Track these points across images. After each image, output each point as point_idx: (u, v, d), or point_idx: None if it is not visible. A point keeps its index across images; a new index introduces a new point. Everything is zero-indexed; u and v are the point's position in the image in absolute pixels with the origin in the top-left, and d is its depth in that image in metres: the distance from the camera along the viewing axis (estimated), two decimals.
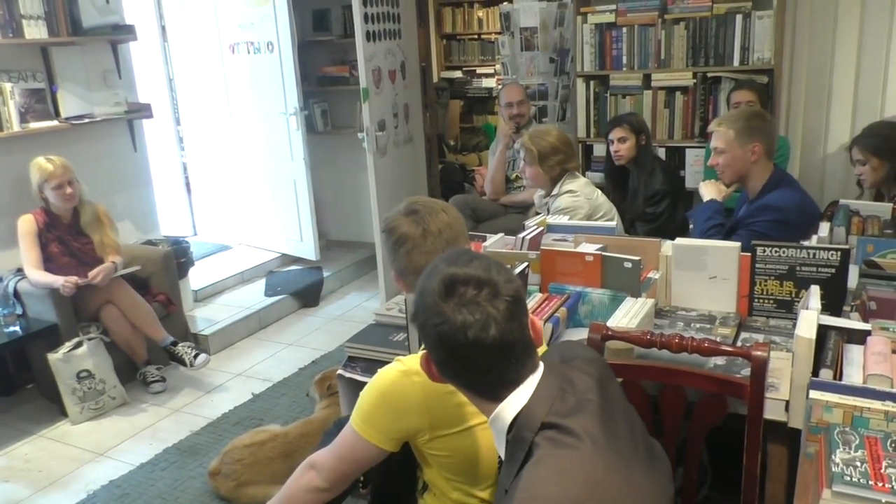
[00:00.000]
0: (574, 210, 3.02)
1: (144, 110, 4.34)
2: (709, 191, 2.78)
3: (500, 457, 1.21)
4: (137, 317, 3.57)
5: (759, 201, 2.56)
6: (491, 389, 1.14)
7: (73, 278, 3.35)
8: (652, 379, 1.66)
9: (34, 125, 3.72)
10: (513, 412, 1.12)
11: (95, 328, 3.49)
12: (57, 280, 3.34)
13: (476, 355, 1.09)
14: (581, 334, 1.85)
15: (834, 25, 3.83)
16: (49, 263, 3.46)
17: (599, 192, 3.21)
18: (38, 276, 3.38)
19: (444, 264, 1.14)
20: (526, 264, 2.13)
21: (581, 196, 3.08)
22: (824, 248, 1.93)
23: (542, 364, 1.16)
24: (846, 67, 3.86)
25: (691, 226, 2.80)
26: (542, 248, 2.25)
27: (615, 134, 3.53)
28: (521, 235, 2.39)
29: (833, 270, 1.91)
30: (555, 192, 3.15)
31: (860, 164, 2.87)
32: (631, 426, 1.20)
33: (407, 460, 1.53)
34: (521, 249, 2.34)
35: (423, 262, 1.52)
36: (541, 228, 2.48)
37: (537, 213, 3.23)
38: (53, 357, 3.28)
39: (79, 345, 3.34)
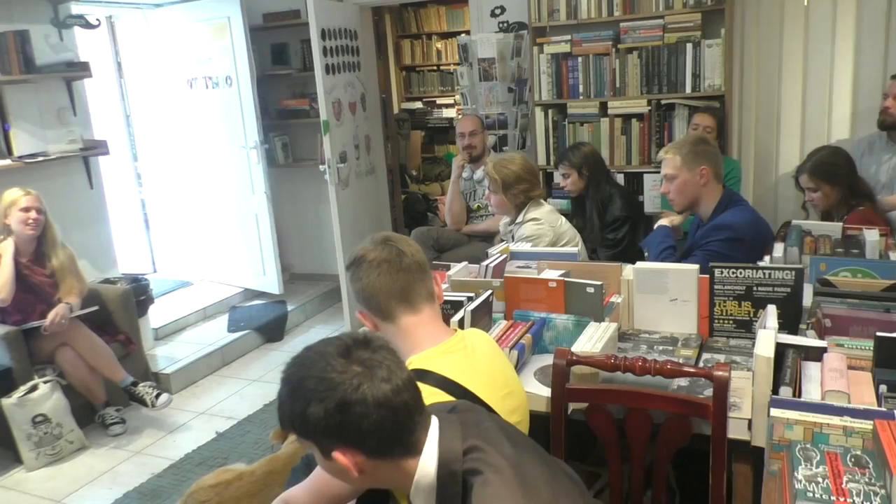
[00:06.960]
0: (538, 238, 3.04)
1: (100, 147, 4.28)
2: (661, 221, 2.93)
3: None
4: (95, 358, 3.48)
5: (711, 222, 2.63)
6: (412, 441, 1.15)
7: None
8: (617, 402, 1.68)
9: None
10: (433, 457, 1.14)
11: (51, 371, 3.39)
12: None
13: (391, 409, 1.11)
14: (546, 360, 1.86)
15: (780, 53, 3.97)
16: None
17: (564, 219, 3.25)
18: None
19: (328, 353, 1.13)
20: (490, 292, 2.14)
21: (545, 224, 3.11)
22: (779, 268, 1.98)
23: (431, 414, 1.20)
24: (793, 93, 4.00)
25: (646, 254, 2.87)
26: (505, 275, 2.26)
27: (560, 170, 3.70)
28: (484, 263, 2.40)
29: (788, 290, 1.95)
30: (519, 219, 3.18)
31: (811, 191, 2.95)
32: (535, 449, 1.24)
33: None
34: (484, 277, 2.35)
35: (397, 286, 1.49)
36: (504, 256, 2.49)
37: (502, 241, 3.25)
38: (7, 402, 3.18)
39: (34, 388, 3.24)
